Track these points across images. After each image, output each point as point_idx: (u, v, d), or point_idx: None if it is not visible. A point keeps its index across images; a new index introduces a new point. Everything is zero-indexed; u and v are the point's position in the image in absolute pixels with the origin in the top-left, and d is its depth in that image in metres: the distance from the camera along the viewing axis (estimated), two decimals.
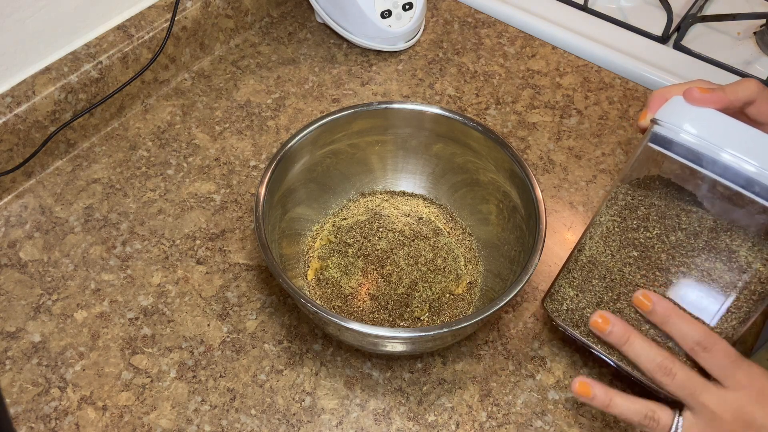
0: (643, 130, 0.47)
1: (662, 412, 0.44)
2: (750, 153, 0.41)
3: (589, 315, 0.49)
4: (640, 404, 0.44)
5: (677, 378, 0.43)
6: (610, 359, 0.49)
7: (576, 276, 0.50)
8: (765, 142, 0.41)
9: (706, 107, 0.43)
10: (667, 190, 0.46)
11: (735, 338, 0.45)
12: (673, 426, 0.43)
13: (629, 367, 0.48)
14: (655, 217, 0.46)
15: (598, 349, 0.49)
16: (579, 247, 0.50)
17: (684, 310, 0.45)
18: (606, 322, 0.45)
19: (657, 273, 0.46)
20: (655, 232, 0.46)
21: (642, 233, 0.46)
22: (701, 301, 0.45)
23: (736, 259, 0.43)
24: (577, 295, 0.49)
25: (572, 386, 0.46)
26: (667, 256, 0.45)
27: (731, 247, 0.43)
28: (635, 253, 0.47)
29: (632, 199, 0.47)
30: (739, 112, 0.46)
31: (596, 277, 0.48)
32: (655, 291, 0.46)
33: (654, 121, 0.45)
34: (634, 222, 0.47)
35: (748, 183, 0.41)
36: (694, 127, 0.43)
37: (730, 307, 0.44)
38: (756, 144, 0.41)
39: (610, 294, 0.48)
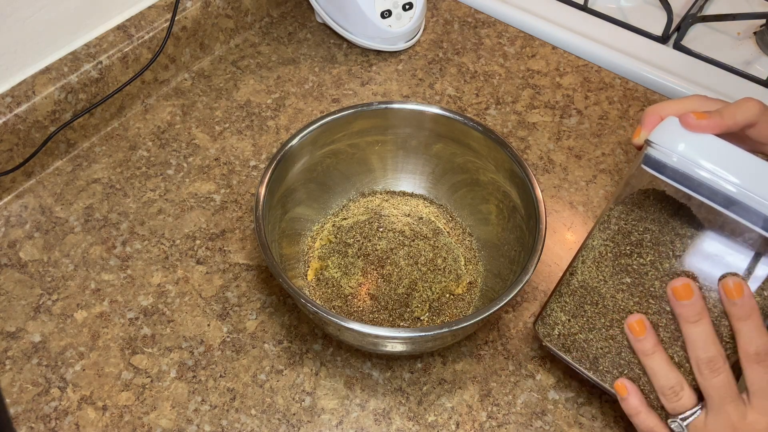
0: (639, 147, 0.47)
1: (688, 394, 0.43)
2: (746, 181, 0.40)
3: (581, 341, 0.48)
4: (675, 374, 0.44)
5: (719, 378, 0.42)
6: (604, 387, 0.48)
7: (568, 301, 0.48)
8: (761, 167, 0.40)
9: (703, 133, 0.42)
10: (662, 207, 0.45)
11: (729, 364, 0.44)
12: (689, 413, 0.43)
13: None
14: (648, 243, 0.45)
15: (590, 376, 0.48)
16: (571, 271, 0.49)
17: (678, 339, 0.44)
18: (688, 293, 0.43)
19: (651, 300, 0.45)
20: (648, 259, 0.45)
21: (635, 259, 0.45)
22: None
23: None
24: (569, 320, 0.48)
25: (628, 319, 0.45)
26: (661, 283, 0.44)
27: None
28: (628, 280, 0.46)
29: (625, 224, 0.46)
30: (740, 133, 0.45)
31: (588, 302, 0.47)
32: (648, 318, 0.45)
33: (648, 143, 0.44)
34: (627, 248, 0.46)
35: (744, 211, 0.40)
36: (688, 151, 0.41)
37: (724, 336, 0.43)
38: (752, 171, 0.40)
39: (603, 320, 0.47)
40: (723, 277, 0.43)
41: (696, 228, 0.44)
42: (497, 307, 0.47)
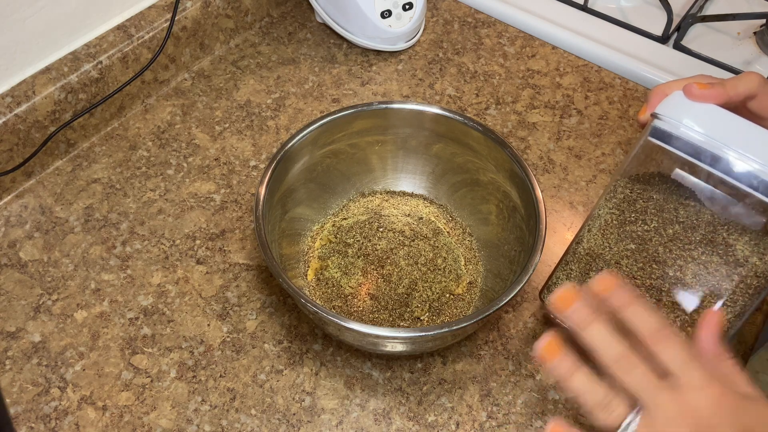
0: (643, 126, 0.47)
1: (619, 404, 0.39)
2: (749, 148, 0.41)
3: None
4: (600, 389, 0.39)
5: (636, 373, 0.38)
6: None
7: (573, 268, 0.50)
8: (764, 137, 0.41)
9: (706, 103, 0.43)
10: (666, 185, 0.46)
11: (731, 332, 0.45)
12: (626, 423, 0.38)
13: None
14: (653, 210, 0.46)
15: None
16: (577, 240, 0.50)
17: (680, 303, 0.45)
18: (569, 301, 0.40)
19: (654, 266, 0.46)
20: (652, 225, 0.46)
21: (640, 226, 0.46)
22: (697, 293, 0.45)
23: (732, 252, 0.43)
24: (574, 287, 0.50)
25: (537, 345, 0.40)
26: (664, 249, 0.46)
27: (728, 241, 0.44)
28: (632, 246, 0.47)
29: (631, 193, 0.47)
30: (741, 107, 0.46)
31: (594, 269, 0.49)
32: (651, 283, 0.46)
33: (654, 116, 0.45)
34: (632, 215, 0.47)
35: (747, 178, 0.41)
36: (693, 121, 0.43)
37: (726, 300, 0.44)
38: (755, 139, 0.41)
39: None
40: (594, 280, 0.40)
41: (699, 201, 0.45)
42: (497, 307, 0.47)
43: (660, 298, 0.46)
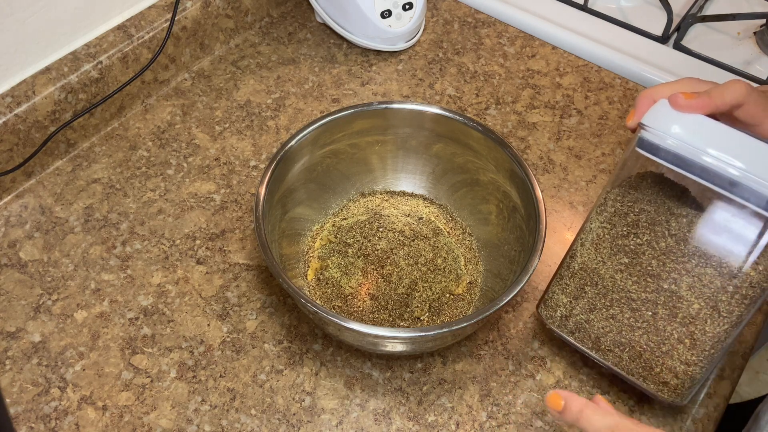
0: (633, 131, 0.47)
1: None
2: (738, 157, 0.40)
3: (583, 321, 0.49)
4: (610, 416, 0.41)
5: None
6: (606, 364, 0.49)
7: (568, 283, 0.49)
8: (752, 146, 0.41)
9: (692, 113, 0.43)
10: (659, 189, 0.46)
11: (728, 342, 0.45)
12: None
13: (625, 373, 0.48)
14: (644, 224, 0.46)
15: (593, 355, 0.50)
16: (570, 254, 0.50)
17: (677, 314, 0.45)
18: (559, 400, 0.43)
19: (648, 279, 0.46)
20: (645, 239, 0.46)
21: (632, 240, 0.46)
22: (692, 306, 0.44)
23: (726, 264, 0.43)
24: (570, 301, 0.49)
25: (546, 399, 0.44)
26: (658, 262, 0.45)
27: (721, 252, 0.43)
28: (626, 260, 0.46)
29: (621, 206, 0.47)
30: (728, 114, 0.45)
31: (588, 284, 0.48)
32: (646, 297, 0.46)
33: (641, 126, 0.45)
34: (624, 229, 0.46)
35: (737, 188, 0.41)
36: (680, 132, 0.42)
37: (722, 311, 0.44)
38: (744, 148, 0.41)
39: (603, 300, 0.48)
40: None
41: (691, 208, 0.45)
42: (497, 307, 0.47)
43: (656, 311, 0.46)
